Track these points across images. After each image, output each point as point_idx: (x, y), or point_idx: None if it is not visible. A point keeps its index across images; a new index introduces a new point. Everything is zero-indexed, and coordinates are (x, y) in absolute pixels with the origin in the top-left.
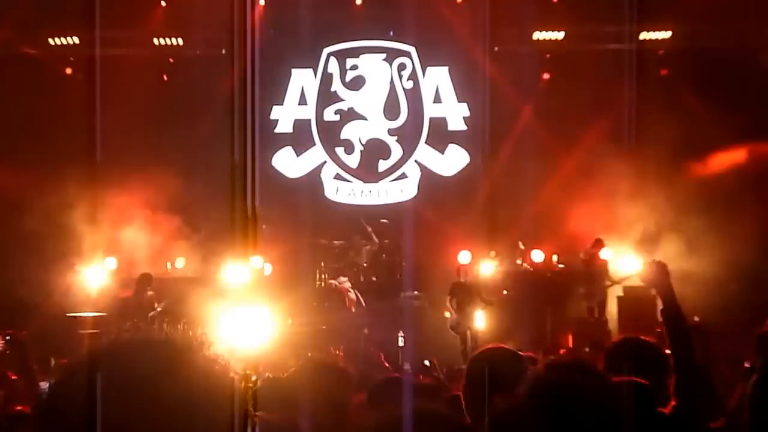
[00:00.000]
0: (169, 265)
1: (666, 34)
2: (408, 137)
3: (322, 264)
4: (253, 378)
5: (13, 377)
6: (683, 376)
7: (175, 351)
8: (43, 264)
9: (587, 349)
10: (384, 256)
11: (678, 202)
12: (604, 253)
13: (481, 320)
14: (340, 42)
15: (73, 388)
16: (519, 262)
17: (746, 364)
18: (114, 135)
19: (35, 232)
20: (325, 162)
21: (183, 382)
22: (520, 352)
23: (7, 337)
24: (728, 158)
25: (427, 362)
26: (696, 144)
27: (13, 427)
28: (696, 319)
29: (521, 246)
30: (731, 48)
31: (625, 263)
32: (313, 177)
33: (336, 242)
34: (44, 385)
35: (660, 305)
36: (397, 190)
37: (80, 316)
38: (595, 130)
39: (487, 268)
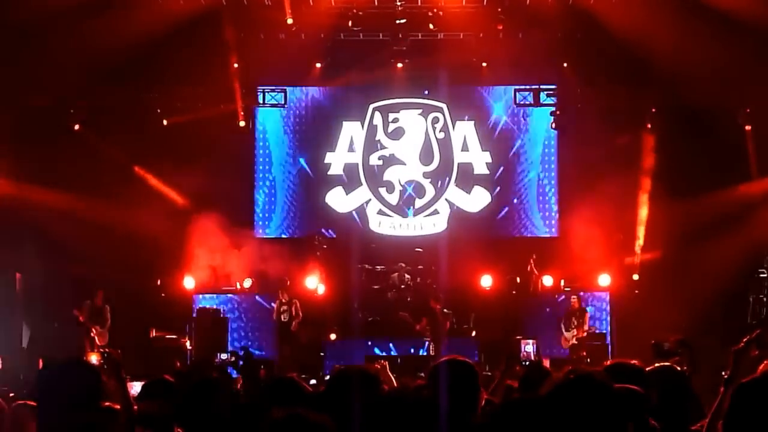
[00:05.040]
0: (238, 284)
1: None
2: (440, 179)
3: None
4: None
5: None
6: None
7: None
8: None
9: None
10: (418, 279)
11: (668, 240)
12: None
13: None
14: (383, 99)
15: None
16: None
17: (724, 374)
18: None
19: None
20: (370, 200)
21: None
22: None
23: (105, 353)
24: (710, 199)
25: None
26: (682, 187)
27: (101, 419)
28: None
29: (535, 272)
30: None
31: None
32: (360, 212)
33: (378, 267)
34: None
35: None
36: (430, 224)
37: None
38: (600, 179)
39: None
